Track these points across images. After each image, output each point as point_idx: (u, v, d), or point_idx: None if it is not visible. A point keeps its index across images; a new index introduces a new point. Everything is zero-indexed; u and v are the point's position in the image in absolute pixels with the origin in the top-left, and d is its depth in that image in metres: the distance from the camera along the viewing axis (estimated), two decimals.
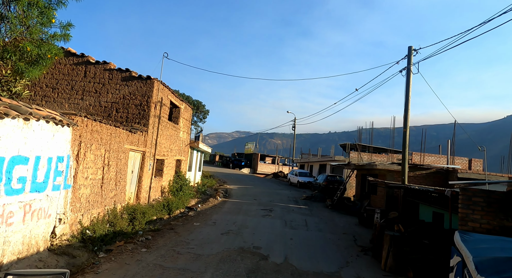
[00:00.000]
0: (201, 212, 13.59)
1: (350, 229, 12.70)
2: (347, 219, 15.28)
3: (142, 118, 12.07)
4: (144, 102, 12.11)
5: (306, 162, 36.16)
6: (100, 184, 8.83)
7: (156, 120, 12.84)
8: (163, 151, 14.05)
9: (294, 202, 19.26)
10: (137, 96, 12.12)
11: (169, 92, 14.11)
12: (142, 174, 11.93)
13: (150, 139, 12.37)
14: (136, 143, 11.19)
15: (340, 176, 24.50)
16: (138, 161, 11.73)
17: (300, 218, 14.05)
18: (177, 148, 16.39)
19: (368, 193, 19.39)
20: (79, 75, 11.98)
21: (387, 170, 16.56)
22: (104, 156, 8.99)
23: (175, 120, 16.30)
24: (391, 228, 8.62)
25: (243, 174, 42.39)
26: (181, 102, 16.36)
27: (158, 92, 12.53)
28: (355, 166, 19.67)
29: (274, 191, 24.78)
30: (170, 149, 15.19)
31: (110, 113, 12.01)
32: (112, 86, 12.07)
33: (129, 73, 12.14)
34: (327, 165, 29.90)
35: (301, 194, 23.51)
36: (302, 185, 28.29)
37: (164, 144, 14.18)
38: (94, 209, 8.54)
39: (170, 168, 15.46)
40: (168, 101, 14.09)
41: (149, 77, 12.14)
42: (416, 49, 10.62)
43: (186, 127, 18.02)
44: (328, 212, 16.88)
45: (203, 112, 49.86)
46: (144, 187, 12.14)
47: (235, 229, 10.88)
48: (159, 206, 12.28)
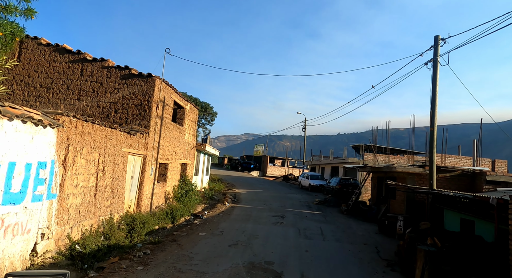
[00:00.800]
0: (208, 220, 12.62)
1: (371, 238, 11.57)
2: (365, 226, 14.13)
3: (142, 119, 11.18)
4: (144, 102, 11.23)
5: (317, 164, 34.98)
6: (93, 191, 7.93)
7: (158, 121, 11.94)
8: (166, 154, 13.15)
9: (306, 207, 18.17)
10: (137, 95, 11.25)
11: (172, 92, 13.22)
12: (143, 179, 11.03)
13: (152, 141, 11.48)
14: (135, 145, 10.30)
15: (354, 179, 23.30)
16: (138, 166, 10.84)
17: (315, 226, 12.97)
18: (182, 151, 15.48)
19: (386, 197, 18.19)
20: (75, 73, 11.16)
21: (407, 173, 15.35)
22: (98, 160, 8.10)
23: (180, 121, 15.41)
24: (422, 240, 7.50)
25: (252, 177, 41.39)
26: (186, 102, 15.47)
27: (160, 91, 11.64)
28: (371, 169, 18.50)
29: (285, 195, 23.71)
30: (175, 152, 14.29)
31: (109, 114, 11.16)
32: (110, 85, 11.22)
33: (129, 71, 11.28)
34: (340, 167, 28.69)
35: (314, 198, 22.38)
36: (314, 188, 27.15)
37: (168, 146, 13.29)
38: (86, 220, 7.63)
39: (174, 173, 14.56)
40: (171, 101, 13.19)
41: (150, 75, 11.26)
42: (444, 38, 9.49)
43: (192, 129, 17.12)
44: (344, 218, 15.75)
45: (211, 114, 49.08)
46: (145, 193, 11.23)
47: (244, 240, 9.87)
48: (162, 214, 11.36)
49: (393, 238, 11.74)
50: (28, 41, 11.04)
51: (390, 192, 18.38)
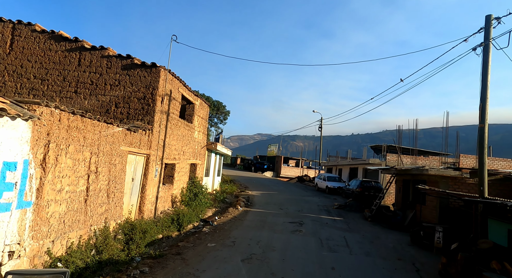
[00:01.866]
0: (218, 227, 11.36)
1: (404, 251, 10.08)
2: (394, 235, 12.61)
3: (146, 114, 10.00)
4: (148, 95, 10.05)
5: (334, 165, 33.37)
6: (83, 197, 6.75)
7: (164, 117, 10.75)
8: (173, 154, 11.96)
9: (326, 212, 16.72)
10: (140, 88, 10.08)
11: (180, 85, 12.02)
12: (146, 181, 9.85)
13: (156, 139, 10.29)
14: (137, 144, 9.12)
15: (376, 182, 21.68)
16: (140, 166, 9.66)
17: (338, 235, 11.55)
18: (191, 150, 14.29)
19: (413, 202, 16.58)
20: (73, 63, 10.07)
21: (440, 176, 13.75)
22: (90, 160, 6.92)
23: (189, 118, 14.21)
24: (483, 263, 6.02)
25: (265, 178, 40.05)
26: (196, 97, 14.26)
27: (165, 84, 10.44)
28: (398, 171, 16.92)
29: (301, 197, 22.28)
30: (183, 151, 13.10)
31: (109, 109, 10.03)
32: (110, 77, 10.09)
33: (131, 60, 10.12)
34: (359, 168, 27.05)
35: (332, 202, 20.89)
36: (332, 190, 25.61)
37: (175, 145, 12.09)
38: (73, 231, 6.45)
39: (182, 174, 13.36)
40: (179, 95, 11.99)
41: (154, 65, 10.08)
42: (498, 17, 7.92)
43: (202, 126, 15.92)
44: (369, 225, 14.25)
45: (224, 113, 47.97)
46: (148, 197, 10.05)
47: (259, 253, 8.56)
48: (167, 221, 10.15)
49: (429, 251, 10.22)
50: (21, 27, 10.01)
51: (419, 196, 16.76)
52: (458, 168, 14.06)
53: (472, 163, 21.32)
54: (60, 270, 2.70)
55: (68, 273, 2.61)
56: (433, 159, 23.11)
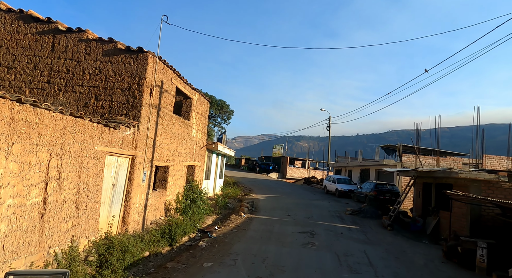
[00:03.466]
0: (218, 240, 9.78)
1: (440, 272, 8.41)
2: (422, 248, 10.94)
3: (131, 108, 8.47)
4: (134, 86, 8.51)
5: (344, 166, 31.64)
6: (37, 211, 5.21)
7: (154, 112, 9.21)
8: (166, 155, 10.42)
9: (339, 219, 15.08)
10: (124, 77, 8.55)
11: (174, 75, 10.48)
12: (130, 187, 8.30)
13: (144, 137, 8.75)
14: (118, 143, 7.58)
15: (391, 184, 19.97)
16: (124, 170, 8.12)
17: (357, 249, 9.91)
18: (188, 150, 12.74)
19: (436, 208, 14.89)
20: (45, 49, 8.56)
21: (471, 180, 12.04)
22: (49, 163, 5.38)
23: (185, 115, 12.67)
24: None
25: (271, 180, 38.45)
26: (193, 91, 12.71)
27: (154, 72, 8.90)
28: (419, 173, 15.23)
29: (309, 201, 20.64)
30: (178, 151, 11.55)
31: (88, 102, 8.50)
32: (90, 64, 8.57)
33: (114, 45, 8.59)
34: (372, 169, 25.34)
35: (344, 207, 19.22)
36: (342, 194, 23.92)
37: (168, 145, 10.55)
38: (21, 258, 4.91)
39: (178, 177, 11.81)
40: (172, 88, 10.45)
41: (141, 50, 8.54)
42: None
43: (202, 124, 14.37)
44: (389, 236, 12.57)
45: (227, 112, 46.41)
46: (134, 206, 8.50)
47: (266, 276, 6.98)
48: (156, 234, 8.59)
49: (470, 270, 8.55)
50: None
51: (442, 201, 15.07)
52: (493, 171, 12.34)
53: (498, 164, 19.54)
54: (60, 270, 2.71)
55: (68, 274, 2.62)
56: (452, 160, 21.36)
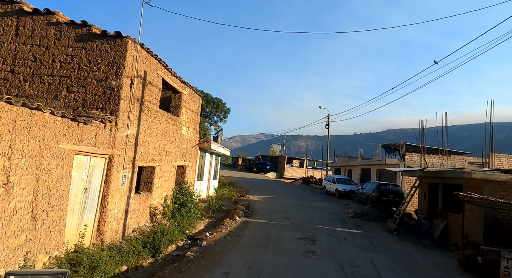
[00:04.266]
0: (208, 249, 8.78)
1: None
2: (433, 256, 9.98)
3: (108, 101, 7.45)
4: (111, 76, 7.49)
5: (343, 166, 30.70)
6: None
7: (136, 106, 8.19)
8: (151, 154, 9.40)
9: (340, 223, 14.11)
10: (100, 66, 7.53)
11: (160, 66, 9.46)
12: (107, 191, 7.28)
13: (123, 134, 7.73)
14: (91, 140, 6.56)
15: (394, 185, 19.04)
16: (98, 172, 7.09)
17: (363, 258, 8.94)
18: (178, 149, 11.72)
19: (444, 210, 13.96)
20: (8, 33, 7.52)
21: (485, 180, 11.11)
22: None
23: (175, 111, 11.65)
24: None
25: (268, 179, 37.48)
26: (183, 85, 11.69)
27: (135, 61, 7.88)
28: (426, 173, 14.30)
29: (308, 203, 19.68)
30: (166, 151, 10.54)
31: (58, 94, 7.47)
32: (60, 51, 7.54)
33: (88, 29, 7.57)
34: (373, 169, 24.42)
35: (345, 208, 18.26)
36: (342, 194, 22.97)
37: (154, 143, 9.53)
38: None
39: (166, 179, 10.79)
40: (158, 80, 9.43)
41: (119, 35, 7.52)
42: None
43: (193, 121, 13.35)
44: (396, 241, 11.61)
45: (224, 111, 45.43)
46: (112, 213, 7.48)
47: None
48: (137, 244, 7.57)
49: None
50: None
51: (451, 203, 14.14)
52: (509, 171, 11.41)
53: (506, 163, 18.66)
54: (60, 270, 2.70)
55: (68, 274, 2.61)
56: (458, 159, 20.47)
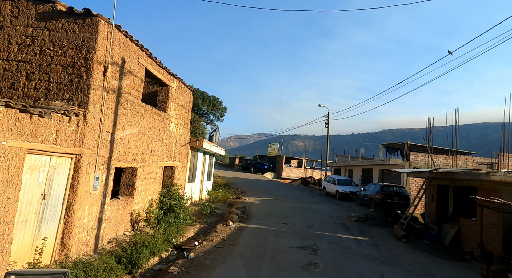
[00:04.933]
0: (196, 261, 7.66)
1: None
2: (451, 269, 8.90)
3: (76, 91, 6.32)
4: (80, 62, 6.37)
5: (343, 166, 29.64)
6: None
7: (111, 98, 7.07)
8: (132, 153, 8.27)
9: (343, 228, 13.03)
10: (66, 49, 6.40)
11: (141, 54, 8.33)
12: (74, 198, 6.15)
13: (95, 130, 6.60)
14: (49, 137, 5.42)
15: (398, 186, 17.99)
16: (62, 174, 5.96)
17: (372, 272, 7.85)
18: (165, 148, 10.60)
19: (455, 214, 12.92)
20: None
21: (503, 183, 10.07)
22: None
23: (162, 105, 10.53)
24: None
25: (266, 180, 36.39)
26: (171, 77, 10.56)
27: (109, 45, 6.75)
28: (434, 174, 13.25)
29: (308, 205, 18.60)
30: (150, 149, 9.41)
31: (15, 82, 6.34)
32: (18, 31, 6.41)
33: (52, 6, 6.44)
34: (375, 169, 23.37)
35: (347, 211, 17.19)
36: (343, 196, 21.90)
37: (135, 141, 8.40)
38: None
39: (151, 181, 9.67)
40: (140, 69, 8.30)
41: (88, 13, 6.39)
42: None
43: (184, 118, 12.22)
44: (406, 250, 10.53)
45: (220, 109, 44.21)
46: (81, 222, 6.35)
47: None
48: (109, 260, 6.43)
49: None
50: None
51: (463, 207, 13.11)
52: None
53: None
54: (60, 270, 2.72)
55: (68, 274, 2.63)
56: (465, 159, 19.45)
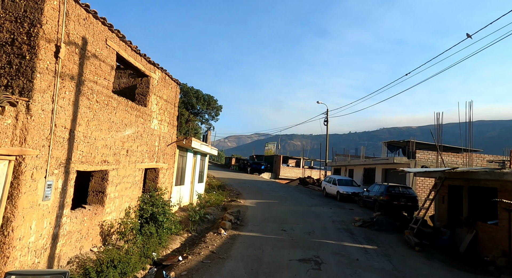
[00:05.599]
0: None
1: None
2: None
3: (16, 75, 5.00)
4: (20, 38, 5.04)
5: (344, 165, 28.39)
6: None
7: (70, 86, 5.74)
8: (101, 154, 6.93)
9: (348, 234, 11.76)
10: (3, 22, 5.08)
11: (111, 35, 6.99)
12: (13, 211, 4.81)
13: (45, 125, 5.27)
14: None
15: (405, 187, 16.75)
16: None
17: None
18: (146, 148, 9.27)
19: (471, 218, 11.69)
20: None
21: None
22: None
23: (141, 99, 9.20)
24: None
25: (263, 181, 35.09)
26: (152, 67, 9.23)
27: (62, 19, 5.42)
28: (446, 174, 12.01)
29: (308, 208, 17.32)
30: (126, 149, 8.07)
31: None
32: None
33: None
34: (377, 169, 22.14)
35: (350, 214, 15.93)
36: (345, 197, 20.64)
37: (105, 139, 7.06)
38: None
39: (127, 186, 8.33)
40: (110, 54, 6.97)
41: None
42: None
43: (169, 114, 10.89)
44: (422, 261, 9.25)
45: (215, 108, 42.90)
46: (23, 242, 5.01)
47: None
48: None
49: None
50: None
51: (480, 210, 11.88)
52: None
53: None
54: (60, 270, 2.73)
55: (68, 274, 2.64)
56: (475, 157, 18.26)
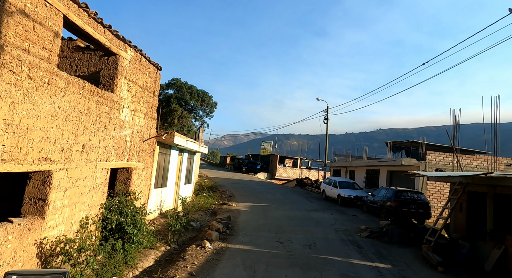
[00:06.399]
0: None
1: None
2: None
3: None
4: None
5: (344, 166, 26.77)
6: None
7: None
8: (40, 149, 5.18)
9: (354, 248, 10.10)
10: None
11: None
12: None
13: None
14: None
15: (415, 192, 15.12)
16: None
17: None
18: (113, 143, 7.52)
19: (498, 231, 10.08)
20: None
21: None
22: None
23: (107, 83, 7.46)
24: None
25: (258, 181, 33.41)
26: (120, 43, 7.48)
27: None
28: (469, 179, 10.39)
29: (306, 214, 15.67)
30: (82, 144, 6.33)
31: None
32: None
33: None
34: (381, 171, 20.53)
35: (354, 222, 14.28)
36: (346, 201, 19.00)
37: (46, 130, 5.32)
38: None
39: (84, 191, 6.57)
40: (51, 16, 5.23)
41: None
42: None
43: (146, 104, 9.15)
44: None
45: (210, 104, 41.17)
46: None
47: None
48: None
49: None
50: None
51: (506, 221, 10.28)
52: None
53: None
54: (60, 270, 2.71)
55: (68, 273, 2.65)
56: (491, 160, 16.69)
